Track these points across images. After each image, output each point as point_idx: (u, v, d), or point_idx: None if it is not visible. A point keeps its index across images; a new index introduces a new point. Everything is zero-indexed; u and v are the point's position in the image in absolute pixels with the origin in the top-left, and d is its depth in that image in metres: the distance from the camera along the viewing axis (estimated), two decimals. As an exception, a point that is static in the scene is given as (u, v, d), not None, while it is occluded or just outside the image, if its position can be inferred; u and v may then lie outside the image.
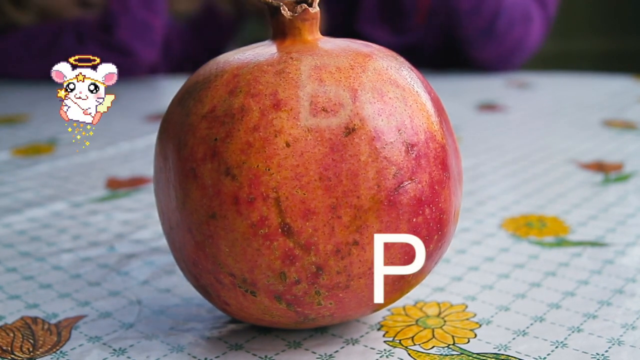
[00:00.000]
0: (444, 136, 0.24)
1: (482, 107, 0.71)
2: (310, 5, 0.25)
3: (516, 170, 0.48)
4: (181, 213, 0.23)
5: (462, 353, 0.25)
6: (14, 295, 0.31)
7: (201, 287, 0.24)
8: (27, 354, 0.26)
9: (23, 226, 0.39)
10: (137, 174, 0.50)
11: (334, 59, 0.23)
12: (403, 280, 0.24)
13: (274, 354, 0.25)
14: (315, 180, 0.21)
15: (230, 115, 0.22)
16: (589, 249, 0.34)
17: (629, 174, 0.46)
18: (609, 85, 0.83)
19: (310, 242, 0.21)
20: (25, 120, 0.70)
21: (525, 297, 0.29)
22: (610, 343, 0.25)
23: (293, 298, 0.23)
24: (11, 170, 0.51)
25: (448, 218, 0.24)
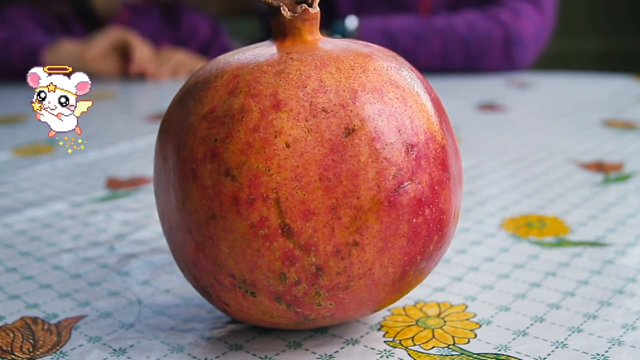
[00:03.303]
0: (444, 137, 0.24)
1: (482, 107, 0.71)
2: (310, 6, 0.24)
3: (516, 170, 0.48)
4: (181, 214, 0.23)
5: (462, 353, 0.25)
6: (14, 295, 0.31)
7: (201, 288, 0.24)
8: (27, 354, 0.26)
9: (23, 226, 0.39)
10: (137, 174, 0.50)
11: (334, 59, 0.23)
12: (403, 280, 0.24)
13: (274, 354, 0.25)
14: (315, 181, 0.21)
15: (230, 115, 0.22)
16: (589, 249, 0.34)
17: (629, 174, 0.46)
18: (609, 85, 0.83)
19: (310, 243, 0.21)
20: (25, 120, 0.70)
21: (525, 297, 0.29)
22: (610, 343, 0.25)
23: (293, 299, 0.23)
24: (11, 170, 0.51)
25: (448, 218, 0.24)
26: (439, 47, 0.91)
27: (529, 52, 0.93)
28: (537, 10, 0.93)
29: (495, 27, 0.90)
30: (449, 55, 0.91)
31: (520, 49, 0.91)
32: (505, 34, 0.90)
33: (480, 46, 0.90)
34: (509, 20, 0.91)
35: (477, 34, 0.90)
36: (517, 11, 0.92)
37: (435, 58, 0.91)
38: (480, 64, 0.92)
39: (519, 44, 0.91)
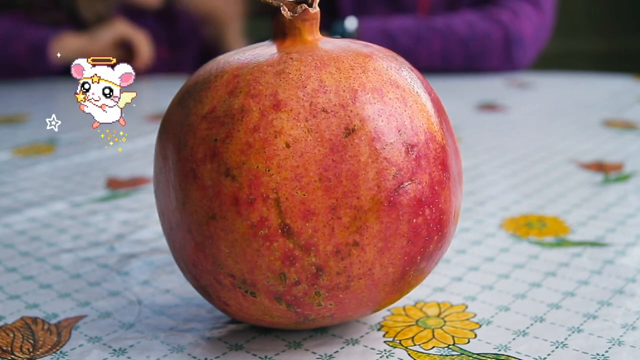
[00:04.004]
0: (444, 137, 0.24)
1: (482, 107, 0.71)
2: (310, 6, 0.24)
3: (516, 170, 0.48)
4: (181, 214, 0.23)
5: (462, 353, 0.25)
6: (14, 295, 0.31)
7: (201, 288, 0.24)
8: (27, 354, 0.26)
9: (23, 226, 0.39)
10: (137, 174, 0.50)
11: (334, 59, 0.23)
12: (403, 280, 0.24)
13: (274, 354, 0.25)
14: (315, 181, 0.21)
15: (230, 115, 0.22)
16: (589, 249, 0.34)
17: (629, 174, 0.46)
18: (609, 85, 0.83)
19: (310, 243, 0.21)
20: (25, 120, 0.70)
21: (525, 297, 0.29)
22: (610, 343, 0.25)
23: (293, 299, 0.23)
24: (11, 170, 0.51)
25: (448, 218, 0.24)
26: (438, 47, 0.91)
27: (529, 52, 0.93)
28: (537, 10, 0.93)
29: (494, 27, 0.90)
30: (449, 56, 0.91)
31: (520, 49, 0.92)
32: (504, 34, 0.90)
33: (480, 46, 0.90)
34: (508, 21, 0.91)
35: (477, 34, 0.90)
36: (517, 11, 0.92)
37: (435, 58, 0.91)
38: (480, 64, 0.92)
39: (518, 44, 0.91)
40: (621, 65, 1.35)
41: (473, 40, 0.90)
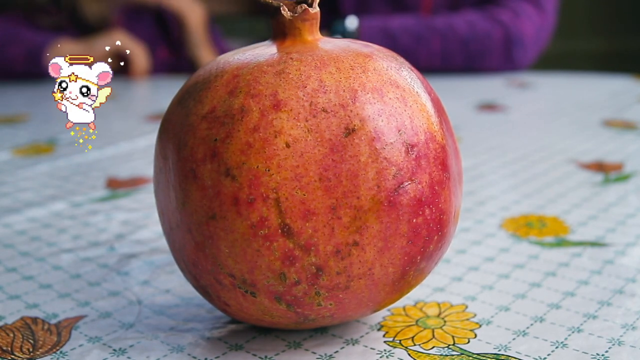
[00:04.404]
0: (444, 137, 0.24)
1: (482, 107, 0.71)
2: (310, 6, 0.24)
3: (516, 170, 0.48)
4: (181, 214, 0.23)
5: (462, 353, 0.25)
6: (14, 295, 0.31)
7: (201, 288, 0.24)
8: (27, 354, 0.26)
9: (23, 226, 0.39)
10: (137, 174, 0.50)
11: (334, 59, 0.23)
12: (403, 280, 0.24)
13: (274, 354, 0.25)
14: (315, 181, 0.21)
15: (230, 115, 0.22)
16: (589, 249, 0.34)
17: (629, 174, 0.46)
18: (609, 85, 0.83)
19: (310, 243, 0.21)
20: (25, 120, 0.70)
21: (525, 297, 0.29)
22: (610, 343, 0.25)
23: (293, 299, 0.23)
24: (11, 170, 0.51)
25: (448, 218, 0.24)
26: (439, 47, 0.91)
27: (529, 52, 0.93)
28: (538, 11, 0.93)
29: (495, 28, 0.91)
30: (449, 56, 0.91)
31: (521, 49, 0.92)
32: (505, 34, 0.90)
33: (480, 46, 0.90)
34: (509, 21, 0.91)
35: (477, 34, 0.90)
36: (518, 11, 0.92)
37: (435, 58, 0.91)
38: (481, 64, 0.92)
39: (519, 44, 0.91)
40: (621, 65, 1.35)
41: (473, 40, 0.90)
